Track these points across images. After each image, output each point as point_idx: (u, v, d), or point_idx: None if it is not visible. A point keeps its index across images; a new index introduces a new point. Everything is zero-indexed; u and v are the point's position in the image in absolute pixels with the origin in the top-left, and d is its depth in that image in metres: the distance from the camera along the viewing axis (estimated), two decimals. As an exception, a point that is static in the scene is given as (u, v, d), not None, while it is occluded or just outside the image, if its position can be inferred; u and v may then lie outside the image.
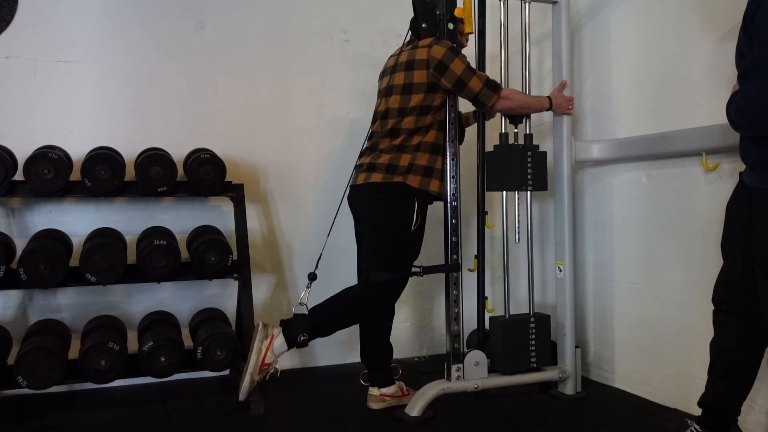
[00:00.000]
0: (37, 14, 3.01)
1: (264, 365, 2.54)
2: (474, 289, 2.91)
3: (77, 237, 2.93)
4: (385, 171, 2.57)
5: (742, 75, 1.81)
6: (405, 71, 2.59)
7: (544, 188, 2.84)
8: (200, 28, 3.28)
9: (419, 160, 2.58)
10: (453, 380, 2.67)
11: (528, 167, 2.77)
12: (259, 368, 2.53)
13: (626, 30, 2.96)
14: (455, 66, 2.52)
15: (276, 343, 2.54)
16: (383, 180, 2.57)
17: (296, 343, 2.54)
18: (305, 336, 2.55)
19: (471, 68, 2.56)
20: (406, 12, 2.73)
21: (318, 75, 3.49)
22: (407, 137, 2.58)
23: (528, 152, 2.78)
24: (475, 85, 2.54)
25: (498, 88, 2.59)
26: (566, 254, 2.91)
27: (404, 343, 3.66)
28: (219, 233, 2.98)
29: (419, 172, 2.57)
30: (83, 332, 2.84)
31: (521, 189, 2.80)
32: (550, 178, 2.92)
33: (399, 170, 2.56)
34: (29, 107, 3.00)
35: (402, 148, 2.58)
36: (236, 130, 3.33)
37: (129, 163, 2.87)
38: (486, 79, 2.57)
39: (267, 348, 2.53)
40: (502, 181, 2.77)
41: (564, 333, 2.91)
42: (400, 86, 2.60)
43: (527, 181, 2.78)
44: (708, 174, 2.52)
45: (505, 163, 2.75)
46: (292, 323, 2.57)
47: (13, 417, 2.68)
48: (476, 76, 2.55)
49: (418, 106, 2.56)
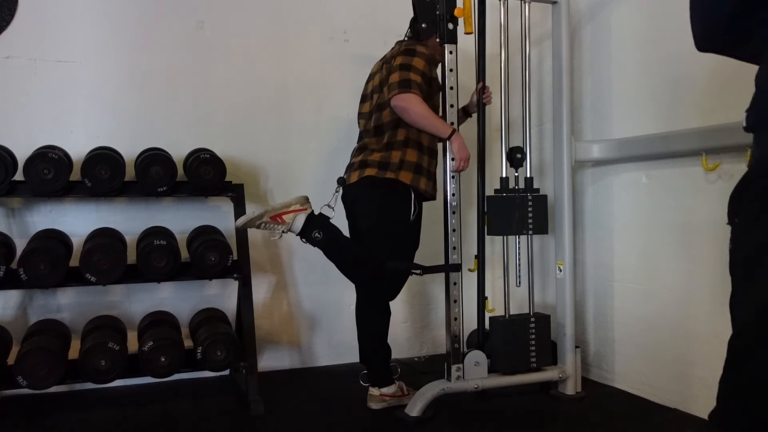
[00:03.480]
0: (37, 14, 3.02)
1: (279, 218, 2.54)
2: (474, 289, 2.92)
3: (77, 237, 2.93)
4: (377, 167, 2.61)
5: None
6: (383, 70, 2.67)
7: (544, 232, 2.86)
8: (200, 28, 3.28)
9: (409, 156, 2.61)
10: (453, 380, 2.67)
11: (529, 211, 2.80)
12: (274, 215, 2.54)
13: (626, 30, 2.96)
14: (397, 60, 2.57)
15: (300, 217, 2.56)
16: (377, 174, 2.60)
17: (309, 233, 2.57)
18: (319, 235, 2.57)
19: (408, 67, 2.53)
20: (406, 12, 2.74)
21: (318, 75, 3.49)
22: (392, 132, 2.62)
23: (528, 196, 2.81)
24: (394, 78, 2.54)
25: (406, 89, 2.51)
26: (566, 254, 2.91)
27: (404, 343, 3.66)
28: (219, 233, 2.98)
29: (411, 169, 2.61)
30: (83, 332, 2.84)
31: (522, 233, 2.82)
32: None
33: (391, 167, 2.60)
34: (29, 107, 3.00)
35: (390, 145, 2.62)
36: (236, 130, 3.34)
37: (129, 163, 2.87)
38: (404, 79, 2.52)
39: (294, 212, 2.55)
40: (503, 226, 2.79)
41: (564, 333, 2.91)
42: (378, 85, 2.70)
43: (528, 226, 2.80)
44: (708, 174, 2.52)
45: (506, 208, 2.78)
46: (317, 218, 2.59)
47: (13, 417, 2.69)
48: (401, 72, 2.52)
49: None
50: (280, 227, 2.56)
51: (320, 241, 2.58)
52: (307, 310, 3.49)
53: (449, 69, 2.62)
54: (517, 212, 2.78)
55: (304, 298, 3.48)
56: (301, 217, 2.56)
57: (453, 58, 2.63)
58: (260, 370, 3.07)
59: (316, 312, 3.50)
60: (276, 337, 3.43)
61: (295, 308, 3.47)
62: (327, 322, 3.51)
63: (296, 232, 2.58)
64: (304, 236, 2.59)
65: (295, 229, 2.57)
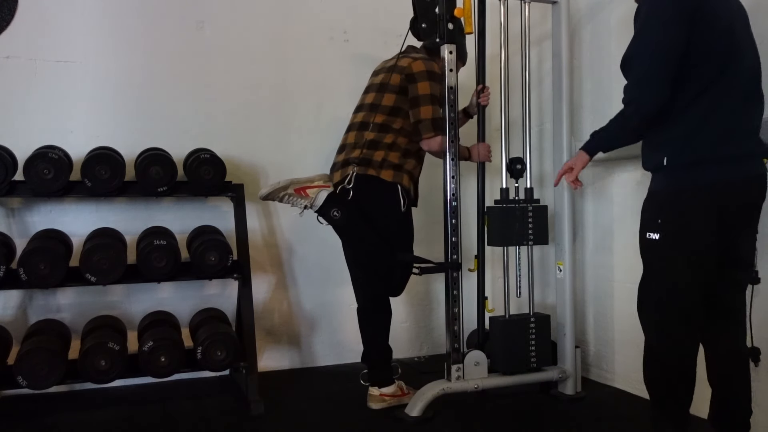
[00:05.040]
0: (37, 14, 3.02)
1: (303, 191, 2.56)
2: (474, 289, 2.92)
3: (77, 237, 2.93)
4: (358, 164, 2.62)
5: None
6: (386, 73, 2.69)
7: (545, 242, 2.87)
8: (200, 28, 3.28)
9: (391, 157, 2.64)
10: (453, 380, 2.67)
11: (529, 222, 2.80)
12: (299, 188, 2.56)
13: (626, 30, 2.95)
14: (422, 85, 2.60)
15: (322, 194, 2.57)
16: (359, 172, 2.61)
17: (328, 210, 2.57)
18: (337, 214, 2.58)
19: (434, 98, 2.61)
20: (406, 12, 2.74)
21: (318, 75, 3.49)
22: (379, 134, 2.64)
23: (529, 207, 2.81)
24: (425, 113, 2.60)
25: (439, 130, 2.61)
26: (566, 254, 2.91)
27: (404, 343, 3.66)
28: (219, 233, 2.98)
29: (391, 167, 2.63)
30: (83, 332, 2.84)
31: (522, 244, 2.82)
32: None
33: (373, 164, 2.62)
34: (29, 107, 3.00)
35: (375, 144, 2.64)
36: (236, 130, 3.34)
37: (129, 163, 2.88)
38: (436, 116, 2.61)
39: (318, 187, 2.57)
40: (504, 237, 2.79)
41: (564, 333, 2.91)
42: (377, 85, 2.72)
43: (528, 236, 2.81)
44: (708, 174, 2.52)
45: (506, 219, 2.78)
46: (338, 197, 2.59)
47: (13, 417, 2.69)
48: (432, 106, 2.60)
49: (389, 106, 2.65)
50: (303, 201, 2.56)
51: (338, 220, 2.57)
52: (307, 310, 3.49)
53: (449, 69, 2.62)
54: (518, 223, 2.79)
55: (304, 298, 3.48)
56: (323, 193, 2.56)
57: (453, 58, 2.63)
58: (260, 370, 3.07)
59: (316, 312, 3.50)
60: (276, 337, 3.43)
61: (295, 308, 3.47)
62: (327, 322, 3.51)
63: (316, 208, 2.57)
64: (322, 213, 2.58)
65: (316, 205, 2.56)
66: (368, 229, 2.63)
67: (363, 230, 2.63)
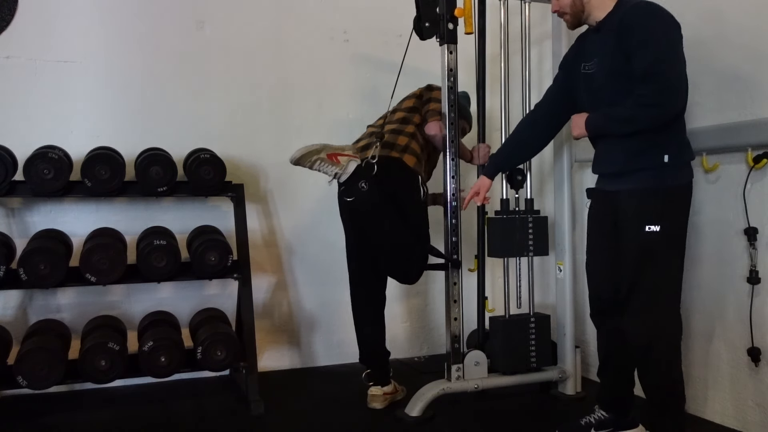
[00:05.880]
0: (37, 14, 3.02)
1: (335, 158, 2.51)
2: (474, 289, 2.91)
3: (77, 237, 2.93)
4: (381, 147, 2.64)
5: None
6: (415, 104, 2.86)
7: (545, 253, 2.87)
8: (200, 28, 3.28)
9: (413, 146, 2.69)
10: (453, 380, 2.67)
11: (529, 233, 2.80)
12: (332, 154, 2.51)
13: (626, 30, 2.95)
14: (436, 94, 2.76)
15: (352, 164, 2.53)
16: (380, 153, 2.61)
17: (355, 181, 2.55)
18: (365, 186, 2.54)
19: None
20: (406, 12, 2.73)
21: (318, 75, 3.49)
22: (400, 125, 2.74)
23: (529, 218, 2.81)
24: (434, 107, 2.73)
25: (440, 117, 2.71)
26: (566, 254, 2.91)
27: (404, 343, 3.67)
28: (219, 233, 2.98)
29: (413, 154, 2.67)
30: (83, 332, 2.84)
31: (523, 255, 2.82)
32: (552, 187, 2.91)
33: (396, 148, 2.66)
34: (29, 107, 3.00)
35: (397, 131, 2.71)
36: (236, 130, 3.34)
37: (129, 163, 2.87)
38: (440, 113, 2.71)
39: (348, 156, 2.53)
40: (504, 248, 2.80)
41: (564, 333, 2.91)
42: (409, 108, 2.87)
43: (528, 247, 2.81)
44: (708, 174, 2.52)
45: (507, 230, 2.78)
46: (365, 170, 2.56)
47: (13, 417, 2.69)
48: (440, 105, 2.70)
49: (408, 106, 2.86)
50: (335, 168, 2.51)
51: (364, 193, 2.54)
52: (307, 310, 3.49)
53: (449, 69, 2.63)
54: (518, 234, 2.79)
55: (304, 298, 3.48)
56: (353, 164, 2.54)
57: (453, 57, 2.63)
58: (260, 370, 3.06)
59: (316, 312, 3.50)
60: (276, 337, 3.43)
61: (295, 308, 3.47)
62: (327, 322, 3.51)
63: (344, 179, 2.54)
64: (349, 184, 2.55)
65: (347, 173, 2.53)
66: (392, 210, 2.61)
67: (387, 209, 2.60)
